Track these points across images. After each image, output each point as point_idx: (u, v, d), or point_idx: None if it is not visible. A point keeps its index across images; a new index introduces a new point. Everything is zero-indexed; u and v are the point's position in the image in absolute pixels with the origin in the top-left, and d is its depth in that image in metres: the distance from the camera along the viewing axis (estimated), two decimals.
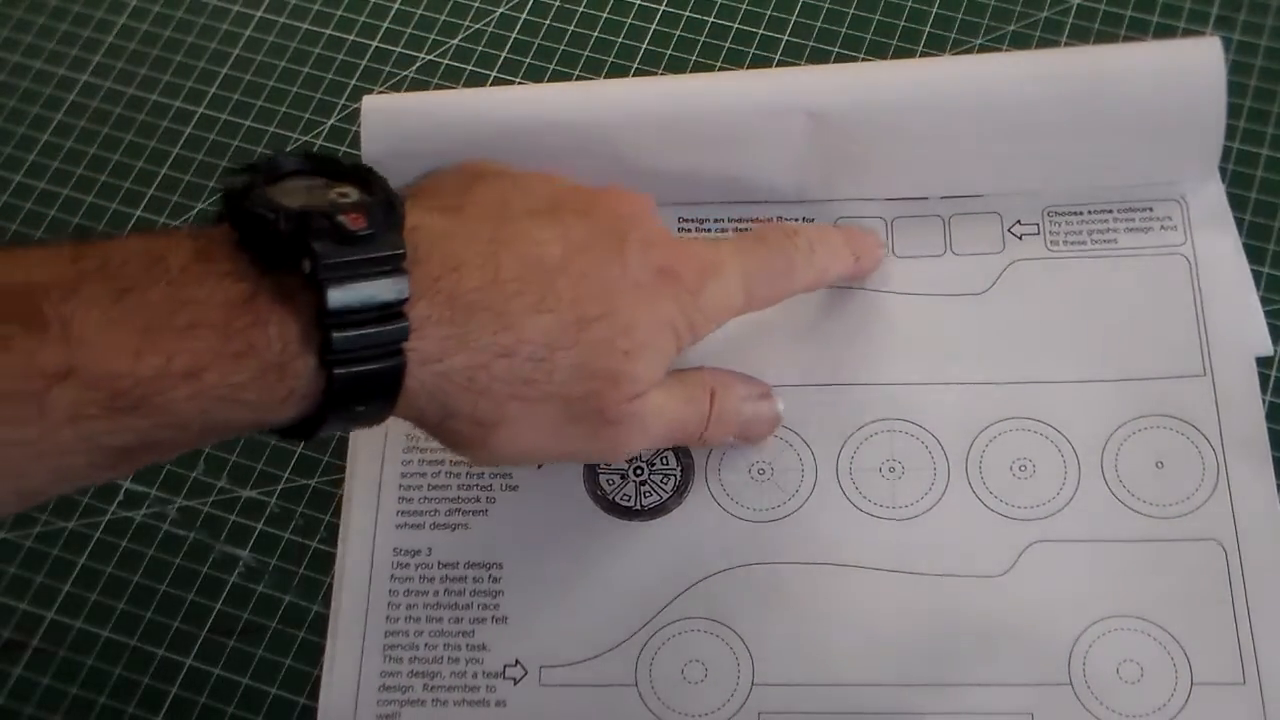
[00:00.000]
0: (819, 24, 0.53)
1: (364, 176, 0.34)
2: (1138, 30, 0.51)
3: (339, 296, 0.30)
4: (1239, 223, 0.46)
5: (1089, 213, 0.46)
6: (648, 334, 0.37)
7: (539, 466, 0.44)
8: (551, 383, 0.35)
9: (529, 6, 0.55)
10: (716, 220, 0.47)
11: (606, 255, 0.36)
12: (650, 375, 0.37)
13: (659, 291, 0.37)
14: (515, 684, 0.41)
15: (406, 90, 0.53)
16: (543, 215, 0.37)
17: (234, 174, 0.33)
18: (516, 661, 0.42)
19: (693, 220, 0.47)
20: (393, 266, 0.31)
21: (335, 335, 0.30)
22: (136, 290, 0.29)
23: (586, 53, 0.53)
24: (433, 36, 0.55)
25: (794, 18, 0.53)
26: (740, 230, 0.47)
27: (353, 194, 0.33)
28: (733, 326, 0.43)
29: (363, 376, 0.31)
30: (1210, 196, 0.46)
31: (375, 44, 0.55)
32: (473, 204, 0.36)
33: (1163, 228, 0.45)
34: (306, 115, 0.53)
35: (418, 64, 0.54)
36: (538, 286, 0.35)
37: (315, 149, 0.52)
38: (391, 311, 0.31)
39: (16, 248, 0.30)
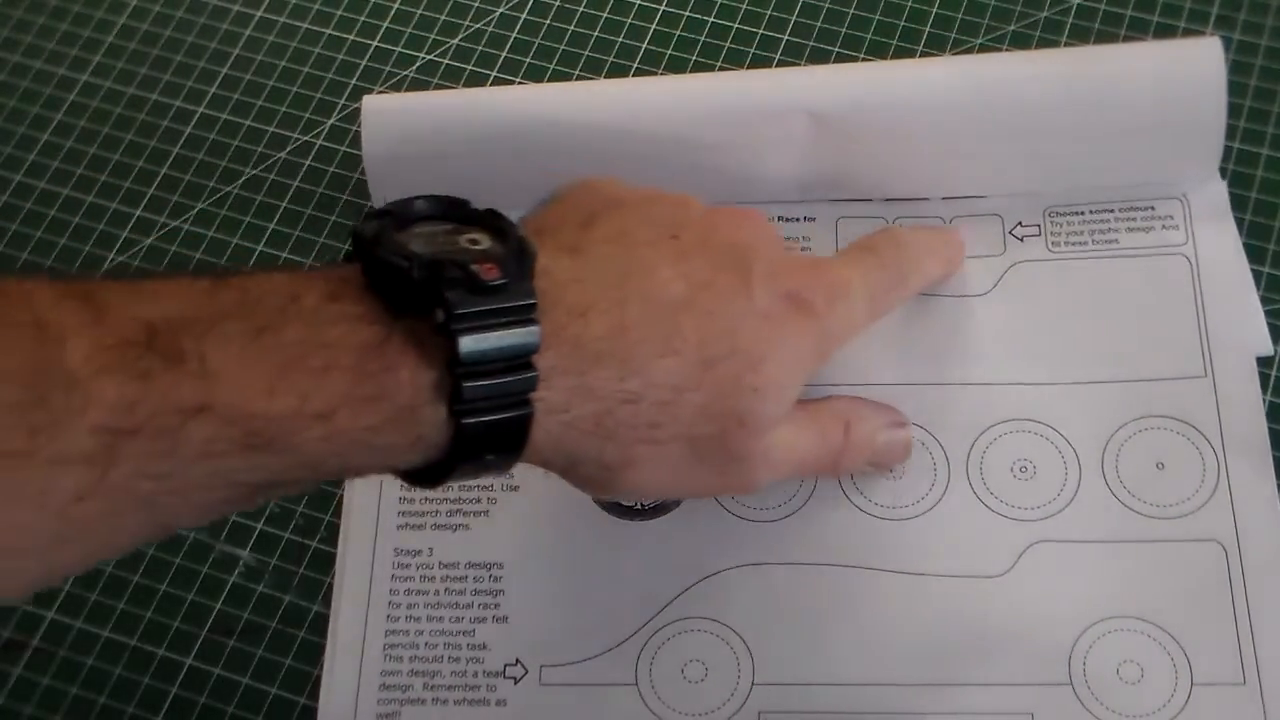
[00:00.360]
0: (819, 24, 0.53)
1: (494, 222, 0.34)
2: (1138, 30, 0.51)
3: (471, 346, 0.30)
4: (1239, 222, 0.46)
5: (1090, 213, 0.46)
6: (777, 369, 0.36)
7: None
8: (678, 424, 0.35)
9: (529, 6, 0.55)
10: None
11: (731, 289, 0.36)
12: (778, 412, 0.36)
13: (788, 321, 0.36)
14: (515, 683, 0.41)
15: (406, 90, 0.53)
16: (663, 246, 0.36)
17: (367, 217, 0.33)
18: (517, 661, 0.42)
19: None
20: (524, 317, 0.31)
21: (465, 385, 0.30)
22: (272, 329, 0.29)
23: (586, 53, 0.53)
24: (433, 36, 0.55)
25: (794, 18, 0.53)
26: None
27: (483, 240, 0.33)
28: None
29: (491, 426, 0.31)
30: (1212, 195, 0.46)
31: (375, 44, 0.55)
32: (594, 242, 0.35)
33: (1164, 227, 0.45)
34: (306, 115, 0.53)
35: (418, 64, 0.54)
36: (662, 329, 0.34)
37: (315, 149, 0.52)
38: (521, 362, 0.31)
39: (153, 279, 0.30)
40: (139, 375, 0.27)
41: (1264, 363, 0.44)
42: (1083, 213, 0.46)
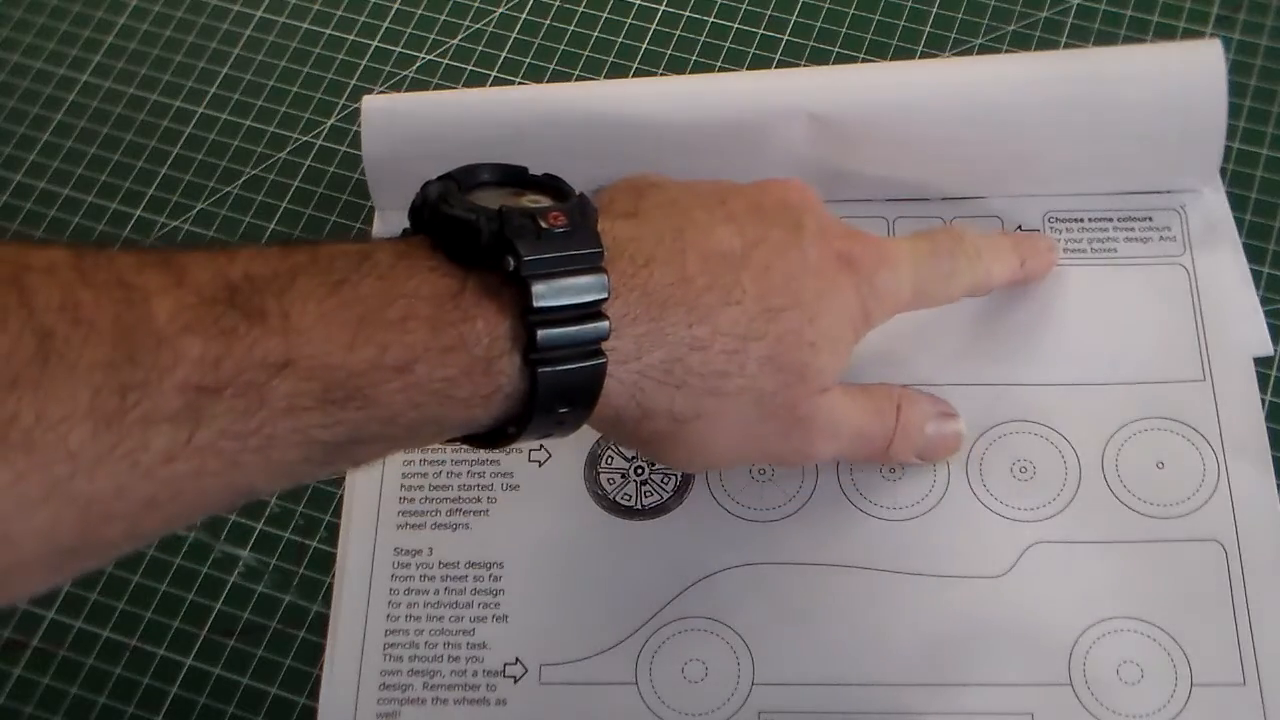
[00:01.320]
0: (819, 24, 0.53)
1: (554, 185, 0.35)
2: (1138, 30, 0.51)
3: (543, 293, 0.31)
4: (1239, 222, 0.46)
5: (1089, 221, 0.46)
6: (831, 324, 0.36)
7: None
8: (744, 375, 0.35)
9: (529, 6, 0.55)
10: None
11: (785, 245, 0.36)
12: (834, 367, 0.37)
13: (838, 279, 0.37)
14: (515, 682, 0.41)
15: (406, 90, 0.53)
16: (716, 210, 0.36)
17: (428, 184, 0.33)
18: (517, 660, 0.42)
19: None
20: (593, 265, 0.32)
21: (540, 333, 0.31)
22: (349, 283, 0.29)
23: (586, 53, 0.53)
24: (433, 36, 0.55)
25: (794, 18, 0.53)
26: None
27: (544, 200, 0.34)
28: None
29: (565, 375, 0.31)
30: (1210, 204, 0.46)
31: (375, 44, 0.55)
32: (649, 209, 0.36)
33: (1162, 238, 0.46)
34: (306, 115, 0.53)
35: (418, 64, 0.54)
36: (724, 279, 0.35)
37: (315, 149, 0.52)
38: (592, 310, 0.32)
39: (225, 244, 0.30)
40: (223, 332, 0.27)
41: (1264, 363, 0.44)
42: (1082, 220, 0.46)
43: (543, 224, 0.31)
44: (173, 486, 0.27)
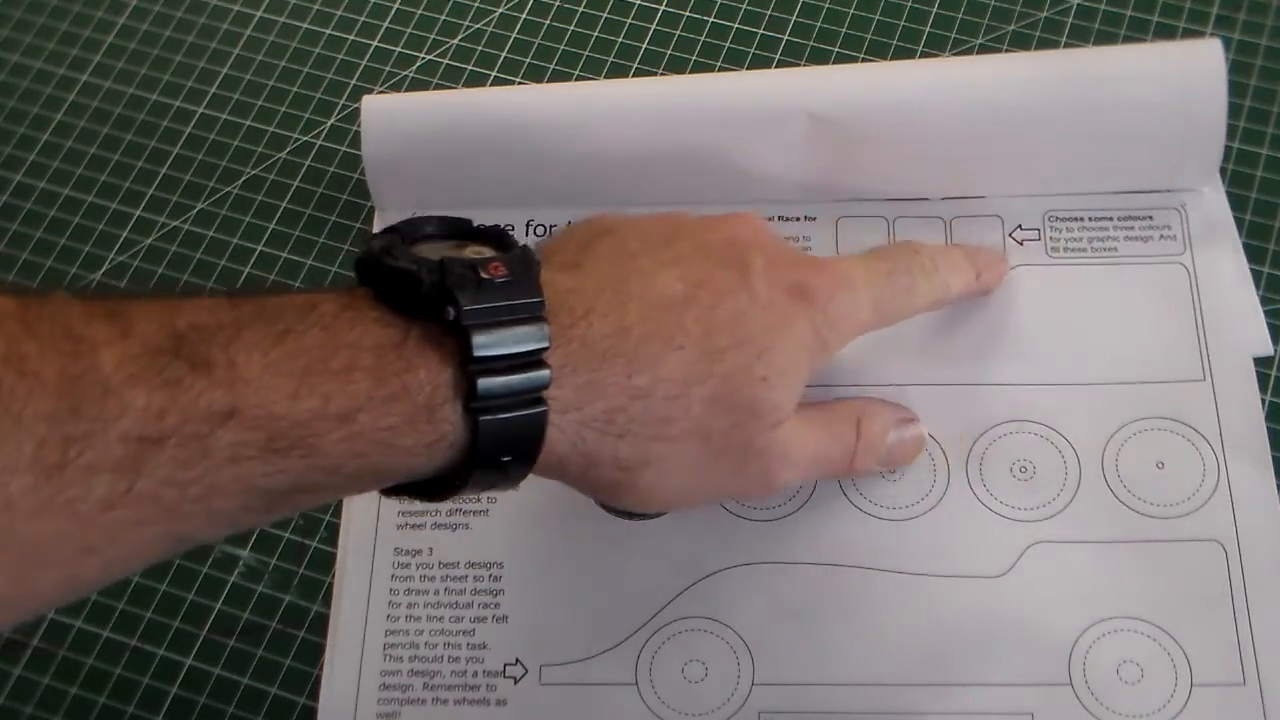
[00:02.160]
0: (819, 24, 0.53)
1: (498, 236, 0.35)
2: (1138, 30, 0.51)
3: (483, 342, 0.31)
4: (1239, 222, 0.46)
5: (1090, 220, 0.46)
6: (783, 358, 0.36)
7: None
8: (689, 419, 0.35)
9: (529, 6, 0.55)
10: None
11: (731, 284, 0.36)
12: (788, 401, 0.37)
13: (791, 312, 0.37)
14: (515, 683, 0.41)
15: (406, 90, 0.53)
16: (661, 253, 0.36)
17: (372, 237, 0.33)
18: (517, 660, 0.42)
19: None
20: (533, 314, 0.32)
21: (480, 382, 0.31)
22: (294, 333, 0.30)
23: (586, 53, 0.53)
24: (433, 36, 0.55)
25: (794, 18, 0.53)
26: None
27: (487, 252, 0.34)
28: None
29: (507, 424, 0.31)
30: (1210, 204, 0.46)
31: (375, 44, 0.55)
32: (593, 258, 0.36)
33: (1162, 237, 0.46)
34: (306, 115, 0.53)
35: (418, 64, 0.54)
36: (667, 325, 0.35)
37: (315, 149, 0.52)
38: (533, 359, 0.32)
39: (172, 295, 0.30)
40: (168, 383, 0.28)
41: (1264, 363, 0.44)
42: (1082, 219, 0.46)
43: (483, 274, 0.32)
44: (110, 534, 0.27)
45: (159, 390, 0.27)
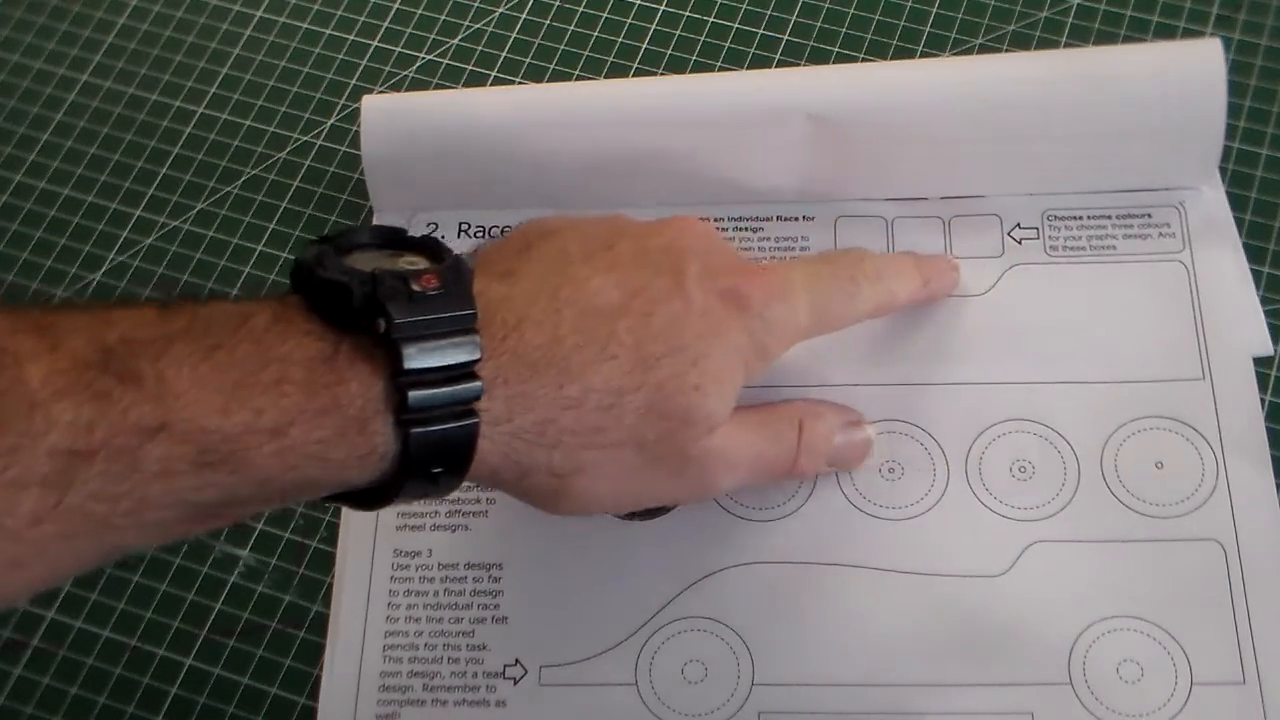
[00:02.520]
0: (819, 24, 0.53)
1: (432, 247, 0.35)
2: (1138, 30, 0.51)
3: (413, 355, 0.31)
4: (1239, 222, 0.46)
5: (1088, 218, 0.46)
6: (718, 365, 0.36)
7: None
8: (622, 428, 0.35)
9: (529, 6, 0.55)
10: (717, 221, 0.47)
11: (666, 291, 0.36)
12: (722, 407, 0.37)
13: (726, 318, 0.37)
14: (515, 684, 0.41)
15: (406, 90, 0.53)
16: (598, 259, 0.36)
17: (306, 246, 0.33)
18: (516, 661, 0.42)
19: None
20: (464, 327, 0.32)
21: (411, 394, 0.31)
22: (225, 348, 0.29)
23: (586, 53, 0.53)
24: (433, 36, 0.55)
25: (794, 18, 0.53)
26: (740, 231, 0.47)
27: (421, 262, 0.34)
28: None
29: (438, 436, 0.31)
30: (1209, 202, 0.46)
31: (375, 44, 0.55)
32: (529, 264, 0.36)
33: (1161, 235, 0.46)
34: (306, 115, 0.53)
35: (418, 64, 0.54)
36: (599, 334, 0.35)
37: (315, 149, 0.52)
38: (464, 372, 0.32)
39: (102, 305, 0.30)
40: (96, 396, 0.27)
41: (1263, 363, 0.44)
42: (1080, 218, 0.46)
43: (415, 286, 0.32)
44: (39, 548, 0.27)
45: (87, 404, 0.27)
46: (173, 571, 0.45)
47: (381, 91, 0.53)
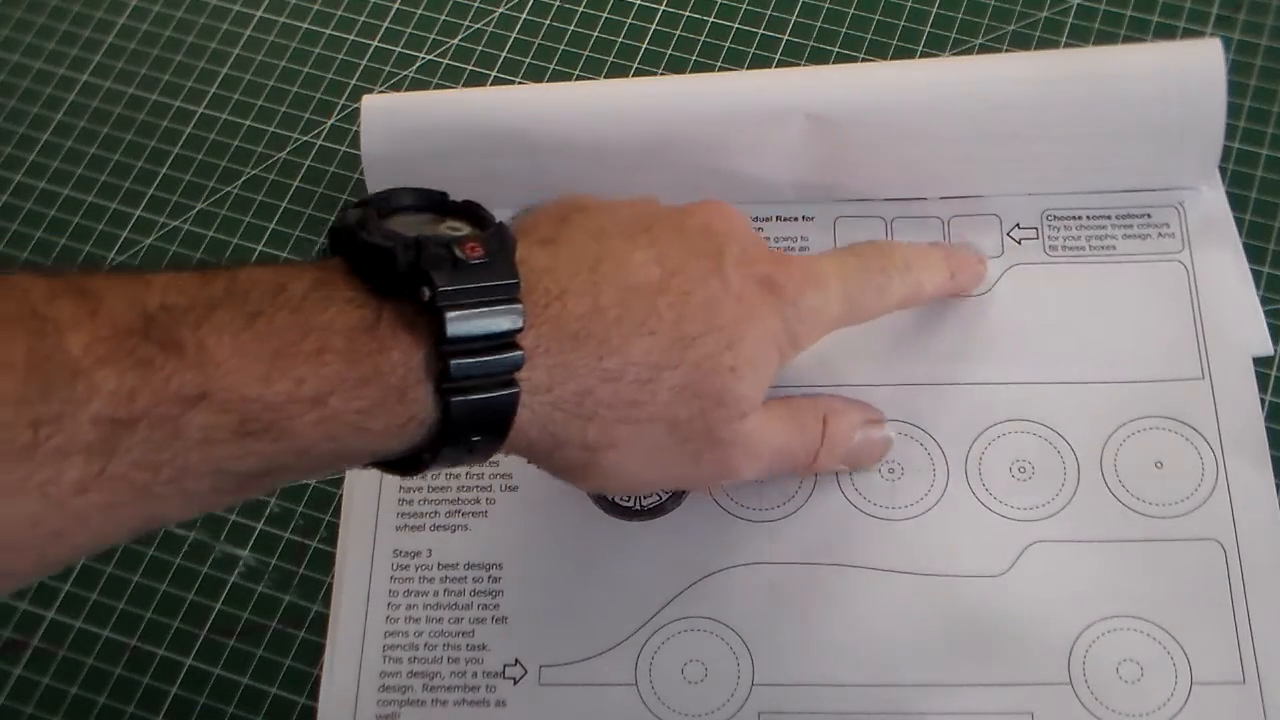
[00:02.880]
0: (819, 24, 0.53)
1: (474, 212, 0.35)
2: (1138, 30, 0.51)
3: (457, 324, 0.31)
4: (1239, 222, 0.46)
5: (1087, 218, 0.46)
6: (753, 349, 0.36)
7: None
8: (656, 404, 0.35)
9: (529, 6, 0.55)
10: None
11: (705, 272, 0.36)
12: (755, 393, 0.37)
13: (761, 304, 0.37)
14: (515, 684, 0.41)
15: (406, 90, 0.53)
16: (639, 237, 0.36)
17: (347, 209, 0.33)
18: (516, 661, 0.42)
19: None
20: (508, 296, 0.32)
21: (453, 363, 0.31)
22: (265, 316, 0.29)
23: (586, 53, 0.53)
24: (433, 36, 0.55)
25: (794, 18, 0.53)
26: None
27: (463, 228, 0.34)
28: None
29: (478, 405, 0.31)
30: (1208, 202, 0.46)
31: (375, 44, 0.55)
32: (569, 236, 0.36)
33: (1160, 235, 0.46)
34: (306, 115, 0.53)
35: (418, 64, 0.54)
36: (639, 309, 0.35)
37: (315, 149, 0.52)
38: (506, 341, 0.32)
39: (142, 271, 0.30)
40: (138, 364, 0.27)
41: (1263, 363, 0.44)
42: (1080, 218, 0.46)
43: (459, 254, 0.31)
44: (81, 517, 0.27)
45: (129, 372, 0.27)
46: (173, 571, 0.45)
47: (381, 91, 0.53)
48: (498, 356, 0.31)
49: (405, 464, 0.33)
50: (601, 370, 0.34)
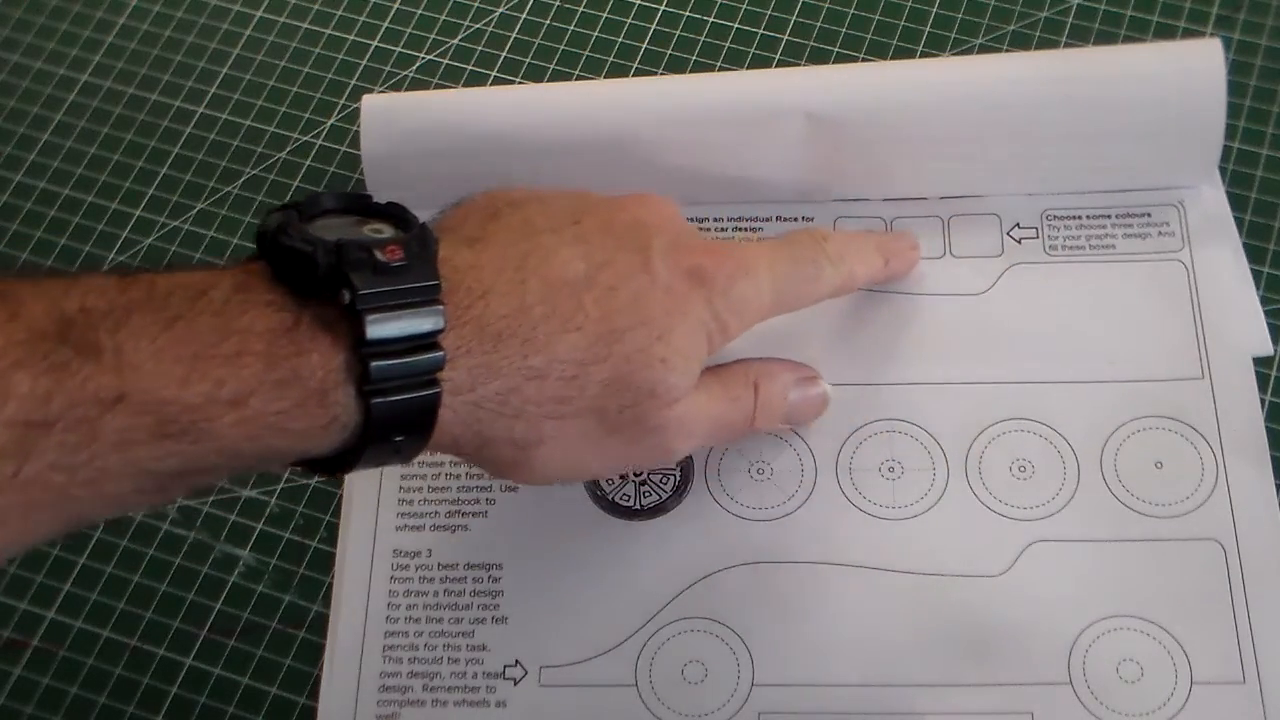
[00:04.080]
0: (819, 24, 0.53)
1: (397, 213, 0.35)
2: (1138, 30, 0.51)
3: (377, 327, 0.31)
4: (1239, 222, 0.46)
5: (1087, 218, 0.46)
6: (683, 339, 0.36)
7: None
8: (585, 398, 0.35)
9: (529, 6, 0.55)
10: (716, 220, 0.47)
11: (632, 266, 0.36)
12: (686, 381, 0.37)
13: (690, 294, 0.37)
14: (515, 684, 0.41)
15: (406, 90, 0.53)
16: (565, 231, 0.37)
17: (270, 213, 0.33)
18: (516, 662, 0.42)
19: (692, 220, 0.47)
20: (428, 298, 0.32)
21: (373, 365, 0.31)
22: (184, 319, 0.30)
23: (586, 53, 0.53)
24: (433, 36, 0.55)
25: (794, 18, 0.53)
26: (740, 231, 0.47)
27: (386, 230, 0.34)
28: None
29: (399, 406, 0.32)
30: (1208, 201, 0.46)
31: (375, 44, 0.55)
32: (496, 233, 0.36)
33: (1160, 234, 0.46)
34: (306, 115, 0.53)
35: (418, 64, 0.54)
36: (565, 306, 0.35)
37: (315, 149, 0.52)
38: (427, 342, 0.32)
39: (64, 275, 0.30)
40: (54, 367, 0.28)
41: (1263, 363, 0.44)
42: (1080, 217, 0.46)
43: (380, 257, 0.32)
44: (1, 519, 0.28)
45: (44, 375, 0.27)
46: (173, 571, 0.45)
47: (381, 91, 0.53)
48: (418, 358, 0.32)
49: (332, 464, 0.33)
50: (526, 369, 0.34)
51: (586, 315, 0.35)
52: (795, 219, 0.47)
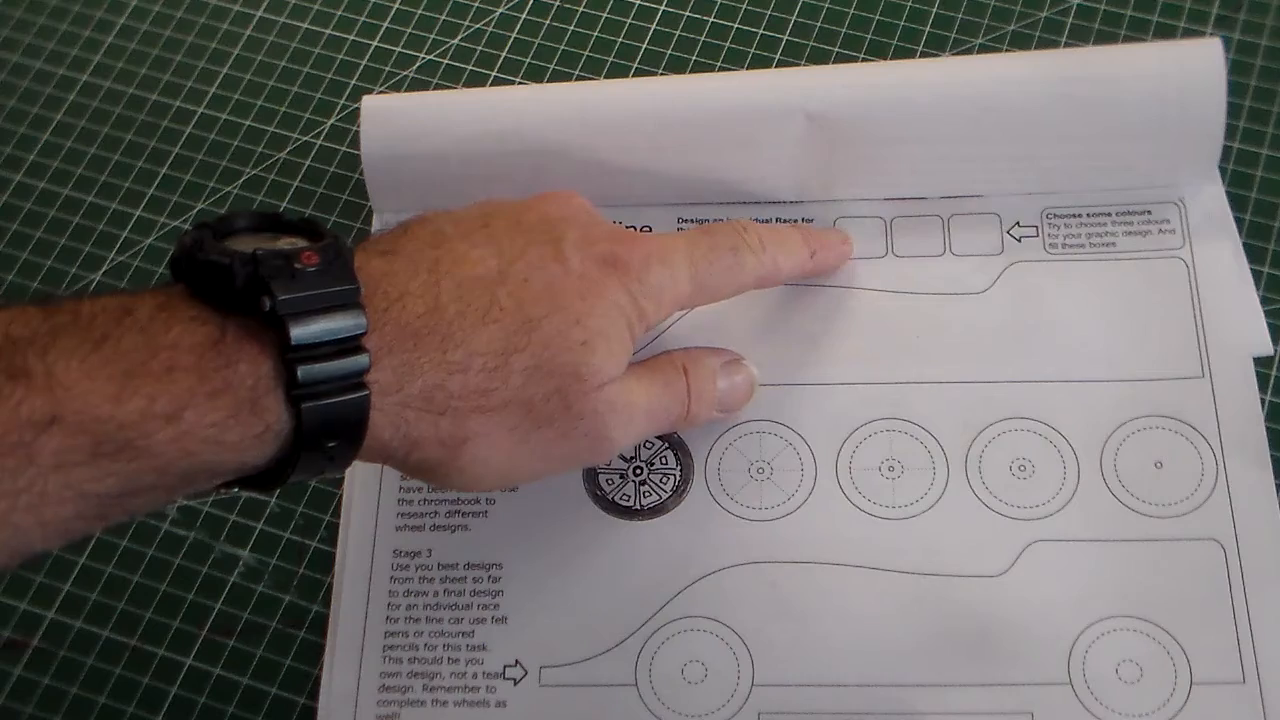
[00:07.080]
0: (819, 24, 0.53)
1: (311, 227, 0.35)
2: (1138, 30, 0.51)
3: (300, 329, 0.31)
4: (1239, 222, 0.46)
5: (1087, 216, 0.46)
6: (601, 322, 0.37)
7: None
8: (509, 388, 0.35)
9: (529, 6, 0.55)
10: (716, 221, 0.47)
11: (544, 258, 0.37)
12: (611, 363, 0.37)
13: (605, 279, 0.37)
14: (515, 684, 0.41)
15: (406, 90, 0.53)
16: (475, 235, 0.37)
17: (183, 235, 0.34)
18: (516, 662, 0.42)
19: (692, 221, 0.47)
20: (348, 300, 0.33)
21: (300, 369, 0.31)
22: (111, 338, 0.30)
23: (586, 53, 0.53)
24: (433, 36, 0.55)
25: (794, 18, 0.53)
26: None
27: (300, 243, 0.34)
28: (733, 326, 0.43)
29: (330, 411, 0.32)
30: (1209, 199, 0.46)
31: (375, 44, 0.55)
32: (407, 244, 0.36)
33: (1161, 231, 0.46)
34: (306, 115, 0.53)
35: (418, 64, 0.54)
36: (480, 301, 0.35)
37: (315, 149, 0.52)
38: (351, 345, 0.32)
39: None
40: None
41: (1263, 362, 0.44)
42: (1080, 215, 0.46)
43: (296, 264, 0.32)
44: None
45: None
46: (173, 571, 0.45)
47: (381, 91, 0.53)
48: (343, 361, 0.32)
49: (265, 478, 0.33)
50: (447, 363, 0.34)
51: (502, 308, 0.35)
52: (795, 219, 0.47)
